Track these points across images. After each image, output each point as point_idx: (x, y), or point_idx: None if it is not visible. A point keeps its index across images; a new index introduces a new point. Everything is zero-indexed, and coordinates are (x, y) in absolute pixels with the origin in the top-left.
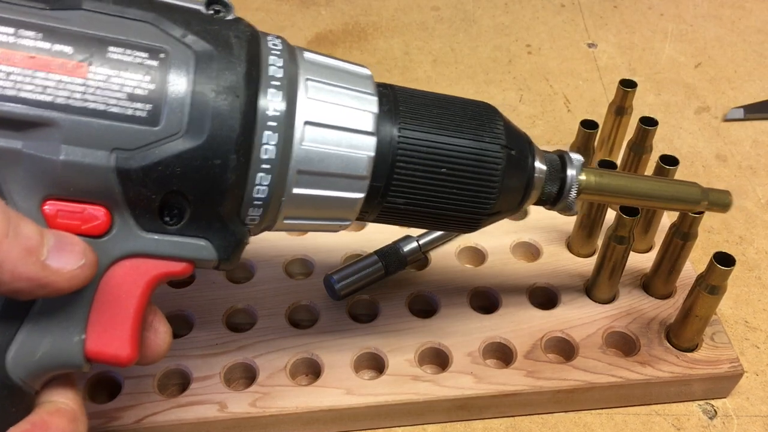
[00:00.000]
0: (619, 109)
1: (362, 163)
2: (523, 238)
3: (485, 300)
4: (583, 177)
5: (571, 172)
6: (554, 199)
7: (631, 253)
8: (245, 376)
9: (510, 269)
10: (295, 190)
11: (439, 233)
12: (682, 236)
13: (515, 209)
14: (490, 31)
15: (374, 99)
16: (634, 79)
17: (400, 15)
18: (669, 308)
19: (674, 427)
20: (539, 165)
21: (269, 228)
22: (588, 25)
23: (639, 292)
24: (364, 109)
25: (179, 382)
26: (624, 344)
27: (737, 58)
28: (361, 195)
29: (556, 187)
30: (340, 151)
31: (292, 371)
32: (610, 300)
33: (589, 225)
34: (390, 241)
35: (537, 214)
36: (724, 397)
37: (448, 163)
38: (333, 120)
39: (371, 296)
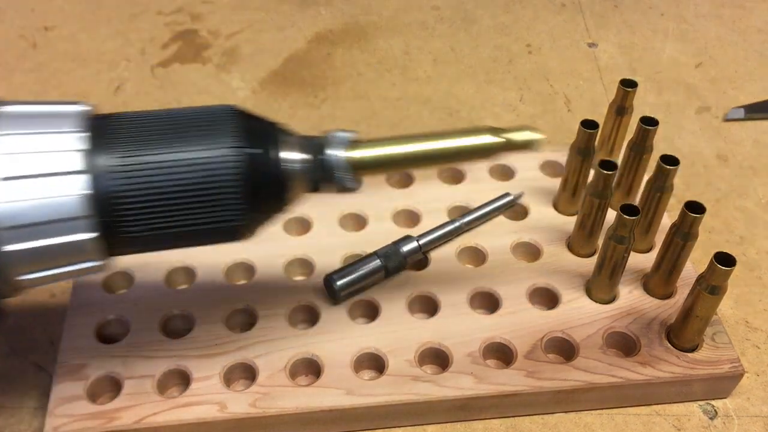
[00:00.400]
0: (620, 108)
1: (74, 204)
2: (524, 238)
3: (485, 300)
4: (350, 154)
5: (332, 152)
6: (327, 184)
7: (632, 253)
8: (245, 377)
9: (510, 269)
10: (9, 248)
11: (439, 233)
12: (682, 236)
13: (282, 205)
14: (490, 30)
15: (80, 136)
16: (635, 78)
17: (400, 15)
18: (669, 308)
19: (675, 428)
20: (293, 155)
21: (12, 293)
22: (589, 25)
23: (639, 292)
24: (67, 149)
25: (179, 383)
26: (624, 344)
27: (738, 57)
28: (88, 235)
29: (322, 172)
30: (47, 198)
31: (292, 371)
32: (611, 300)
33: (589, 225)
34: (390, 241)
35: (537, 214)
36: (725, 398)
37: (176, 179)
38: (33, 169)
39: (371, 296)
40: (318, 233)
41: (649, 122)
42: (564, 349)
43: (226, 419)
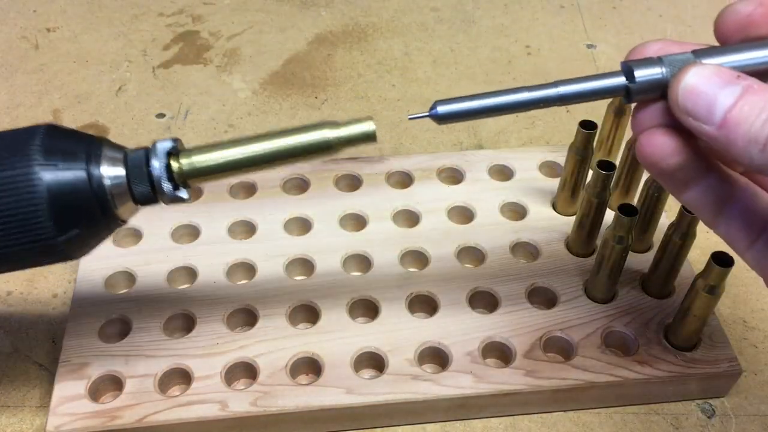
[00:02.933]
0: (618, 109)
1: None
2: (523, 238)
3: (484, 299)
4: (175, 164)
5: (156, 163)
6: (155, 197)
7: (630, 252)
8: (246, 376)
9: (509, 269)
10: None
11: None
12: (680, 236)
13: (110, 221)
14: (489, 32)
15: None
16: None
17: (400, 16)
18: (667, 308)
19: (673, 426)
20: (114, 170)
21: None
22: (587, 26)
23: (638, 291)
24: None
25: (180, 382)
26: (623, 344)
27: None
28: None
29: (147, 184)
30: None
31: (293, 371)
32: (609, 300)
33: (588, 225)
34: (390, 241)
35: (536, 214)
36: (723, 397)
37: None
38: None
39: (371, 296)
40: (318, 233)
41: None
42: (563, 348)
43: (227, 418)
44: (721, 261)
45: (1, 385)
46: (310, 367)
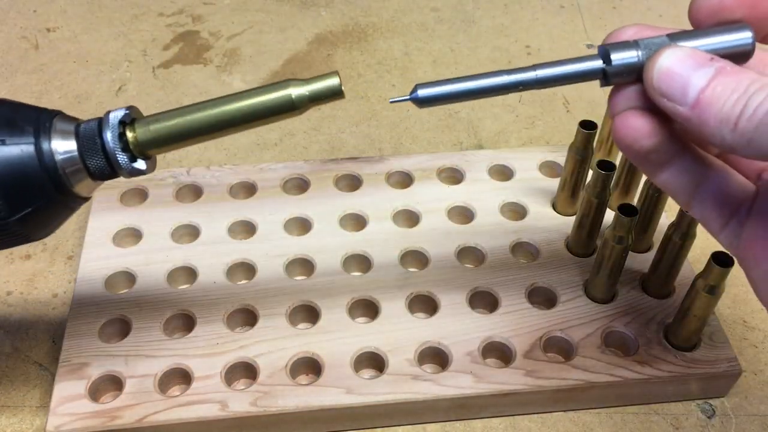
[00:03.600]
0: None
1: None
2: (523, 238)
3: (484, 299)
4: (130, 134)
5: (108, 134)
6: (113, 171)
7: (630, 252)
8: (246, 376)
9: (509, 269)
10: None
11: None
12: (680, 236)
13: (68, 197)
14: (489, 32)
15: None
16: None
17: (400, 16)
18: (667, 308)
19: (673, 426)
20: (66, 144)
21: None
22: (587, 26)
23: (638, 291)
24: None
25: (180, 382)
26: (623, 344)
27: None
28: None
29: (102, 158)
30: None
31: (293, 371)
32: (609, 300)
33: (588, 225)
34: (390, 241)
35: (536, 214)
36: (723, 397)
37: None
38: None
39: (371, 296)
40: (318, 233)
41: None
42: (563, 348)
43: (227, 418)
44: (721, 261)
45: (1, 385)
46: (310, 367)
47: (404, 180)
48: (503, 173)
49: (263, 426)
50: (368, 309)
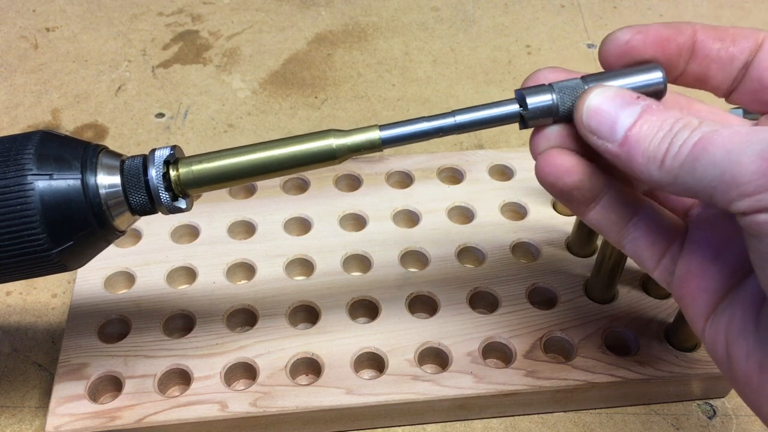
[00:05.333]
0: None
1: None
2: (523, 238)
3: (484, 300)
4: (173, 172)
5: (153, 171)
6: (152, 207)
7: None
8: (246, 376)
9: (509, 269)
10: None
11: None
12: None
13: (107, 231)
14: (489, 31)
15: None
16: None
17: (400, 15)
18: (668, 308)
19: (673, 427)
20: (110, 179)
21: None
22: (588, 26)
23: (638, 292)
24: None
25: (180, 382)
26: (623, 344)
27: None
28: None
29: (144, 194)
30: None
31: (293, 371)
32: (610, 300)
33: (588, 225)
34: (390, 241)
35: (536, 214)
36: (723, 397)
37: None
38: None
39: (371, 296)
40: (318, 233)
41: None
42: (563, 348)
43: (227, 418)
44: None
45: (1, 385)
46: (310, 367)
47: (404, 180)
48: (503, 173)
49: (263, 426)
50: (368, 309)
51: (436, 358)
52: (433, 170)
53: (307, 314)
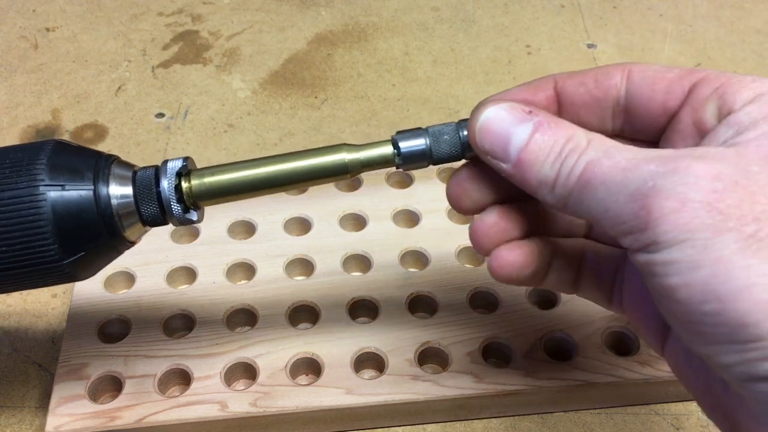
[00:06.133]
0: None
1: None
2: None
3: (485, 300)
4: (185, 184)
5: (165, 183)
6: (163, 218)
7: None
8: (246, 376)
9: None
10: None
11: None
12: None
13: (118, 241)
14: (489, 31)
15: None
16: None
17: (400, 15)
18: None
19: (673, 427)
20: (122, 190)
21: None
22: (588, 26)
23: None
24: None
25: (180, 382)
26: (623, 344)
27: (737, 58)
28: None
29: (156, 205)
30: None
31: (293, 371)
32: None
33: None
34: (390, 241)
35: None
36: None
37: None
38: None
39: (371, 296)
40: (318, 233)
41: None
42: (563, 348)
43: (227, 418)
44: None
45: (1, 385)
46: (309, 367)
47: (404, 180)
48: None
49: (263, 426)
50: (368, 309)
51: (436, 358)
52: (433, 170)
53: (307, 314)
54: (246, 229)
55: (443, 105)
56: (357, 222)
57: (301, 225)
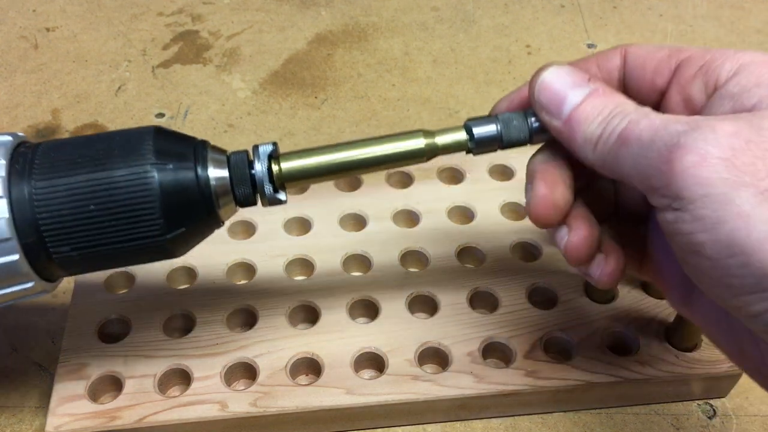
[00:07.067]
0: None
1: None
2: (523, 238)
3: (485, 300)
4: (275, 167)
5: (258, 165)
6: (254, 198)
7: None
8: (246, 376)
9: (510, 269)
10: None
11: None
12: None
13: (212, 221)
14: (489, 31)
15: (2, 164)
16: None
17: (400, 15)
18: (668, 308)
19: (673, 427)
20: (219, 172)
21: None
22: (588, 26)
23: (638, 292)
24: None
25: (180, 382)
26: (623, 344)
27: None
28: (15, 256)
29: (249, 187)
30: None
31: (293, 371)
32: (610, 300)
33: None
34: (390, 241)
35: None
36: (723, 397)
37: (95, 198)
38: None
39: (371, 296)
40: (318, 233)
41: None
42: (563, 348)
43: (227, 418)
44: None
45: (1, 385)
46: (309, 367)
47: (404, 180)
48: (503, 173)
49: (263, 426)
50: (368, 309)
51: (436, 358)
52: (433, 170)
53: (307, 314)
54: (246, 229)
55: (443, 105)
56: (357, 222)
57: (301, 225)
